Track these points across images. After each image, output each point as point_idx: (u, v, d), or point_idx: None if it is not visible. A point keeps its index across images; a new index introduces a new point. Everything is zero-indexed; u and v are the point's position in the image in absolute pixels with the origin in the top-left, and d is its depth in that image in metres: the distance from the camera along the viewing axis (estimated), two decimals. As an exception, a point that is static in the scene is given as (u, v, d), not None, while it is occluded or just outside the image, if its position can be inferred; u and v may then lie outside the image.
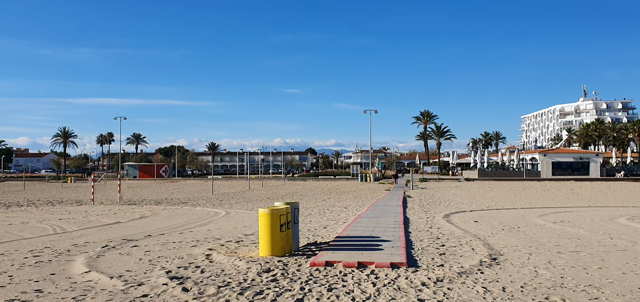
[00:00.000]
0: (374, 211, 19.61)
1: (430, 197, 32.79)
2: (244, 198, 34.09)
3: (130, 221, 17.77)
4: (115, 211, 22.78)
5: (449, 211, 21.35)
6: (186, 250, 10.15)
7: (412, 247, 10.47)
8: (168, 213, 21.71)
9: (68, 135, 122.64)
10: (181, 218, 19.12)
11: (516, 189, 45.32)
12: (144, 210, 23.53)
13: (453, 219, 17.72)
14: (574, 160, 73.05)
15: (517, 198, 32.86)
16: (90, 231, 14.40)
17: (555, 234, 13.12)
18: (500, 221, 16.85)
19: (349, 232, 12.24)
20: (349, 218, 17.56)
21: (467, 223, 16.08)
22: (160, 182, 67.60)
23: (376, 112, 72.13)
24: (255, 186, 54.05)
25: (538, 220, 17.57)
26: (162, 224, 16.41)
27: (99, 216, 20.45)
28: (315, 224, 15.79)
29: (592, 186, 49.82)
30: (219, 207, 25.69)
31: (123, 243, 11.25)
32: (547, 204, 27.36)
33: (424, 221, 16.64)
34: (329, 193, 39.13)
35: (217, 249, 10.07)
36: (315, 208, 23.78)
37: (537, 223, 16.33)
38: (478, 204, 26.69)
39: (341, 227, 14.30)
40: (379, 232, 12.07)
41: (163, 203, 29.50)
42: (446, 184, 55.70)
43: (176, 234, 13.07)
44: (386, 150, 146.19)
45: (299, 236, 12.23)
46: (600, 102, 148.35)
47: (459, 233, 12.97)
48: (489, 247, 10.40)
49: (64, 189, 49.75)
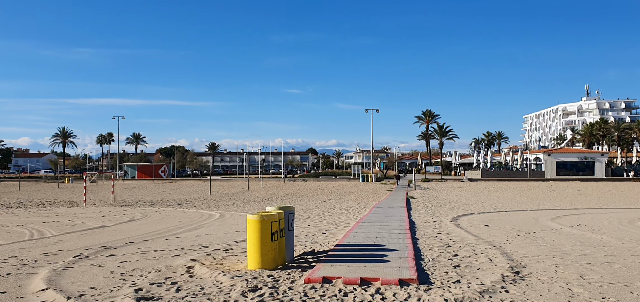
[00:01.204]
0: (377, 213, 18.46)
1: (435, 199, 31.63)
2: (241, 199, 32.94)
3: (116, 225, 16.63)
4: (105, 214, 21.65)
5: (456, 214, 20.17)
6: (167, 261, 9.00)
7: (422, 257, 9.30)
8: (159, 216, 20.58)
9: (67, 135, 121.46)
10: (172, 221, 17.98)
11: (521, 189, 44.13)
12: (136, 212, 22.40)
13: (462, 222, 16.56)
14: (578, 160, 71.78)
15: (524, 199, 31.68)
16: (70, 236, 13.26)
17: (577, 240, 11.94)
18: (513, 225, 15.68)
19: (350, 239, 11.08)
20: (350, 222, 16.41)
21: (477, 227, 14.91)
22: (158, 183, 66.46)
23: (377, 111, 70.98)
24: (255, 187, 52.90)
25: (552, 224, 16.40)
26: (150, 229, 15.28)
27: (86, 218, 19.32)
28: (314, 228, 14.63)
29: (598, 187, 48.60)
30: (215, 209, 24.56)
31: (99, 252, 10.11)
32: (556, 206, 26.18)
33: (431, 225, 15.47)
34: (329, 194, 37.96)
35: (202, 260, 8.92)
36: (315, 210, 22.63)
37: (552, 227, 15.17)
38: (485, 206, 25.52)
39: (342, 232, 13.14)
40: (384, 239, 10.91)
41: (157, 205, 28.39)
42: (449, 184, 54.52)
43: (161, 241, 11.92)
44: (388, 150, 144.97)
45: (295, 243, 11.08)
46: (603, 102, 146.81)
47: (471, 240, 11.80)
48: (508, 258, 9.22)
49: (59, 190, 48.62)
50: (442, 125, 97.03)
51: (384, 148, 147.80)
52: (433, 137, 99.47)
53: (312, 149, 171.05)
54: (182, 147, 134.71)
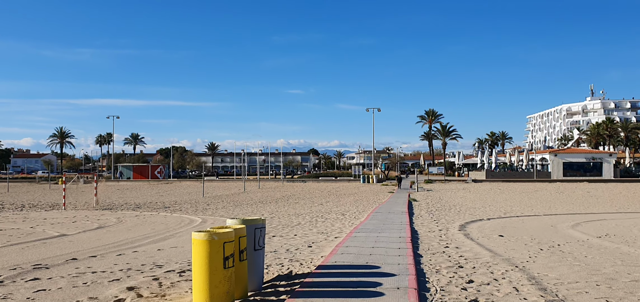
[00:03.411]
0: (375, 219, 16.43)
1: (438, 201, 29.57)
2: (234, 202, 30.96)
3: (79, 234, 14.64)
4: (78, 219, 19.67)
5: (463, 220, 18.11)
6: (96, 290, 6.97)
7: (426, 285, 7.24)
8: (135, 222, 18.60)
9: (64, 135, 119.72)
10: (144, 229, 15.99)
11: (528, 191, 42.03)
12: (112, 217, 20.41)
13: (471, 231, 14.50)
14: (586, 160, 69.56)
15: (533, 202, 29.62)
16: (10, 250, 11.25)
17: (615, 257, 9.87)
18: (531, 235, 13.61)
19: (338, 257, 9.06)
20: (344, 230, 14.37)
21: (490, 238, 12.84)
22: (153, 184, 64.47)
23: (379, 110, 68.90)
24: (252, 188, 50.90)
25: (575, 233, 14.34)
26: (113, 239, 13.28)
27: (53, 225, 17.35)
28: (300, 239, 12.59)
29: (608, 188, 46.45)
30: (200, 214, 22.58)
31: (23, 274, 8.10)
32: (570, 210, 24.13)
33: (436, 234, 13.40)
34: (327, 196, 35.92)
35: (141, 289, 6.89)
36: (308, 215, 20.60)
37: (577, 237, 13.11)
38: (493, 210, 23.47)
39: (331, 245, 11.11)
40: (379, 258, 8.88)
41: (142, 208, 26.47)
42: (453, 185, 52.39)
43: (112, 257, 9.92)
44: (389, 150, 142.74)
45: (272, 260, 9.06)
46: (608, 102, 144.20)
47: (486, 256, 9.74)
48: (539, 286, 7.14)
49: (50, 191, 46.68)
50: (446, 125, 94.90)
51: (385, 148, 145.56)
52: (436, 138, 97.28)
53: (314, 150, 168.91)
54: (182, 148, 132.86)
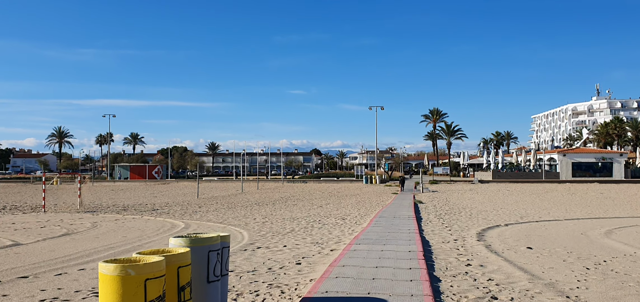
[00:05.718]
0: (379, 225, 14.39)
1: (446, 204, 27.50)
2: (228, 204, 28.93)
3: (36, 243, 12.66)
4: (50, 224, 17.69)
5: (479, 226, 16.03)
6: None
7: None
8: (109, 227, 16.62)
9: (63, 135, 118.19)
10: (115, 237, 14.01)
11: (539, 192, 39.90)
12: (88, 222, 18.44)
13: (492, 241, 12.42)
14: (595, 160, 67.38)
15: (547, 204, 27.52)
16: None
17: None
18: (563, 246, 11.54)
19: (331, 283, 7.02)
20: (343, 240, 12.33)
21: (518, 251, 10.76)
22: (149, 184, 62.57)
23: (382, 108, 66.84)
24: (250, 189, 48.92)
25: (614, 243, 12.27)
26: (70, 250, 11.29)
27: (15, 231, 15.41)
28: (289, 252, 10.55)
29: (621, 189, 44.26)
30: (187, 217, 20.58)
31: None
32: (590, 214, 22.04)
33: (452, 246, 11.33)
34: (328, 197, 33.89)
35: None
36: (304, 219, 18.56)
37: (619, 249, 11.04)
38: (507, 214, 21.40)
39: (325, 262, 9.07)
40: (385, 283, 6.84)
41: (128, 210, 24.54)
42: (459, 186, 50.29)
43: (50, 276, 7.92)
44: (393, 150, 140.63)
45: (247, 285, 7.02)
46: (614, 101, 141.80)
47: (523, 280, 7.66)
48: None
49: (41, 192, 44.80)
50: (450, 125, 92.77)
51: (389, 148, 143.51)
52: (440, 137, 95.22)
53: (316, 150, 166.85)
54: (182, 148, 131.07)
